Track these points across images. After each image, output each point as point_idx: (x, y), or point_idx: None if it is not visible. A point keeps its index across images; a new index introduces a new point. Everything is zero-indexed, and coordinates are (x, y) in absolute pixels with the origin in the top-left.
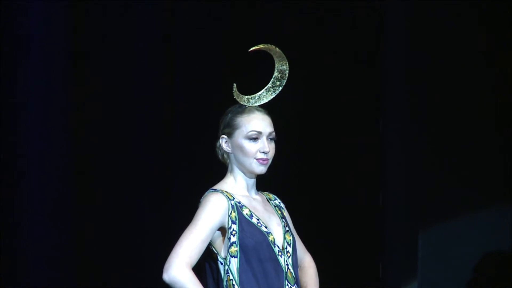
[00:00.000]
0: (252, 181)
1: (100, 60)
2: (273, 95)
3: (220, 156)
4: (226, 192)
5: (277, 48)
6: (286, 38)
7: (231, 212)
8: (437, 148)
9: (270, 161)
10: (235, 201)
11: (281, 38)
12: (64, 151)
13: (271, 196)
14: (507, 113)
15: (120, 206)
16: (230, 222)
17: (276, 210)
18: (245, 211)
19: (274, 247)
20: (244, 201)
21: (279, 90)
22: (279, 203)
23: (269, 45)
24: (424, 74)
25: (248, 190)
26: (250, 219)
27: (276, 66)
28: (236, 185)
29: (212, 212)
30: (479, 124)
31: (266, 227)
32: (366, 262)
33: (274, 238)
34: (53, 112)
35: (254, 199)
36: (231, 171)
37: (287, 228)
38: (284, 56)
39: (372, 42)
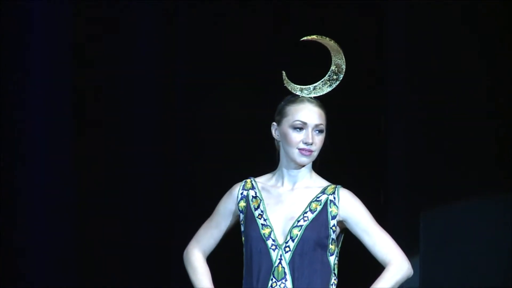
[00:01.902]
0: (296, 171)
1: (101, 60)
2: (329, 89)
3: (276, 144)
4: (253, 181)
5: (332, 41)
6: (286, 37)
7: (239, 201)
8: (439, 146)
9: (315, 153)
10: (250, 191)
11: (281, 36)
12: (64, 151)
13: (331, 190)
14: (509, 106)
15: (120, 207)
16: (239, 211)
17: (311, 203)
18: (254, 203)
19: (267, 240)
20: (264, 192)
21: (336, 84)
22: (334, 198)
23: (323, 37)
24: (425, 73)
25: (285, 181)
26: (254, 211)
27: (333, 59)
28: (275, 175)
29: (223, 199)
30: (479, 122)
31: (266, 220)
32: (366, 260)
33: (271, 232)
34: (53, 112)
35: (283, 190)
36: (279, 159)
37: (300, 224)
38: (339, 49)
39: (374, 39)
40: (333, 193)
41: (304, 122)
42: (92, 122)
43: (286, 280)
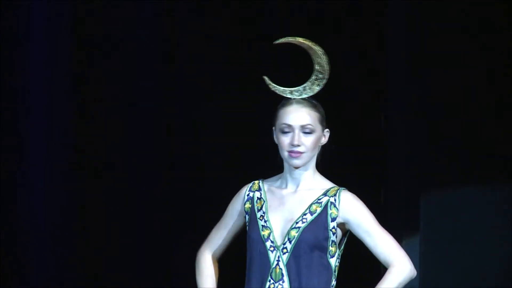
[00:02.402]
0: (298, 173)
1: (102, 60)
2: (319, 88)
3: None
4: (261, 183)
5: (306, 41)
6: (289, 35)
7: (245, 202)
8: (440, 146)
9: (306, 154)
10: (256, 193)
11: (284, 34)
12: (66, 151)
13: (333, 192)
14: (509, 98)
15: (121, 207)
16: (245, 213)
17: (311, 205)
18: (258, 204)
19: (266, 241)
20: (269, 194)
21: (324, 82)
22: (335, 200)
23: (296, 38)
24: (426, 71)
25: (288, 183)
26: (256, 212)
27: (313, 59)
28: (281, 177)
29: (232, 200)
30: (481, 120)
31: (266, 221)
32: (366, 258)
33: (270, 233)
34: (54, 112)
35: (286, 192)
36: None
37: (298, 225)
38: (314, 48)
39: (374, 37)
40: (334, 195)
41: (289, 124)
42: (93, 122)
43: (283, 282)
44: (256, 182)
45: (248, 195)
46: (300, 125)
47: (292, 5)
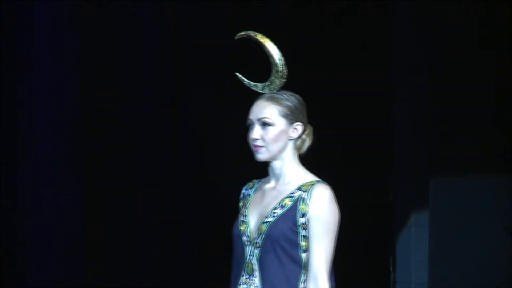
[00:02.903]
0: (275, 168)
1: (105, 60)
2: (279, 81)
3: None
4: (257, 181)
5: (254, 34)
6: (292, 32)
7: (240, 201)
8: (448, 143)
9: (266, 148)
10: (248, 191)
11: (288, 31)
12: (68, 151)
13: (307, 187)
14: None
15: (123, 207)
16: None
17: (283, 200)
18: (245, 201)
19: (243, 236)
20: (257, 190)
21: (281, 75)
22: (306, 195)
23: (248, 32)
24: (431, 69)
25: (271, 178)
26: (241, 208)
27: (266, 52)
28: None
29: None
30: (486, 117)
31: (245, 216)
32: (375, 255)
33: (246, 228)
34: (60, 112)
35: (268, 187)
36: None
37: (268, 220)
38: (261, 41)
39: (381, 33)
40: (307, 190)
41: (249, 118)
42: (95, 123)
43: (255, 277)
44: (255, 180)
45: (243, 193)
46: (257, 119)
47: (293, 4)
